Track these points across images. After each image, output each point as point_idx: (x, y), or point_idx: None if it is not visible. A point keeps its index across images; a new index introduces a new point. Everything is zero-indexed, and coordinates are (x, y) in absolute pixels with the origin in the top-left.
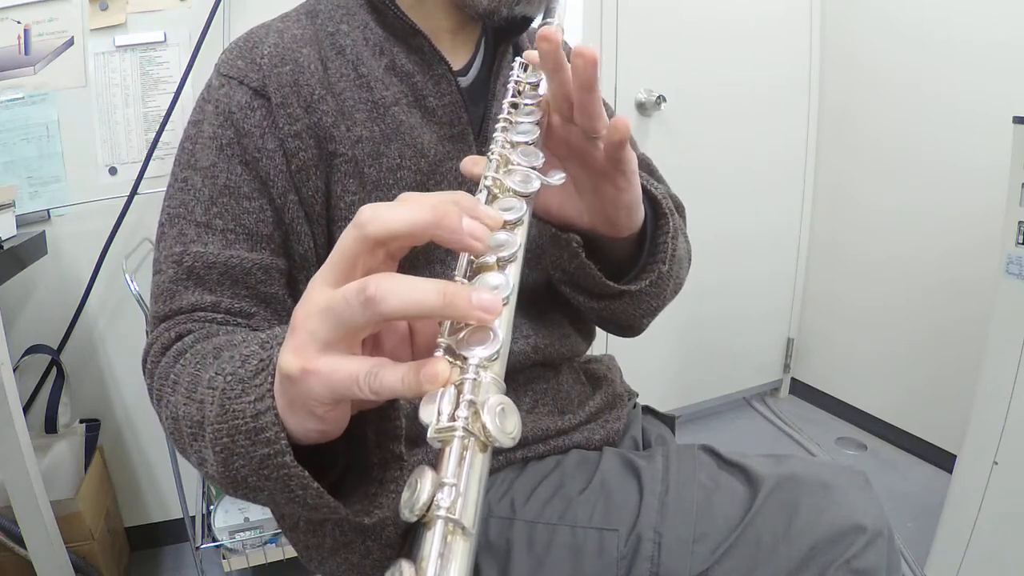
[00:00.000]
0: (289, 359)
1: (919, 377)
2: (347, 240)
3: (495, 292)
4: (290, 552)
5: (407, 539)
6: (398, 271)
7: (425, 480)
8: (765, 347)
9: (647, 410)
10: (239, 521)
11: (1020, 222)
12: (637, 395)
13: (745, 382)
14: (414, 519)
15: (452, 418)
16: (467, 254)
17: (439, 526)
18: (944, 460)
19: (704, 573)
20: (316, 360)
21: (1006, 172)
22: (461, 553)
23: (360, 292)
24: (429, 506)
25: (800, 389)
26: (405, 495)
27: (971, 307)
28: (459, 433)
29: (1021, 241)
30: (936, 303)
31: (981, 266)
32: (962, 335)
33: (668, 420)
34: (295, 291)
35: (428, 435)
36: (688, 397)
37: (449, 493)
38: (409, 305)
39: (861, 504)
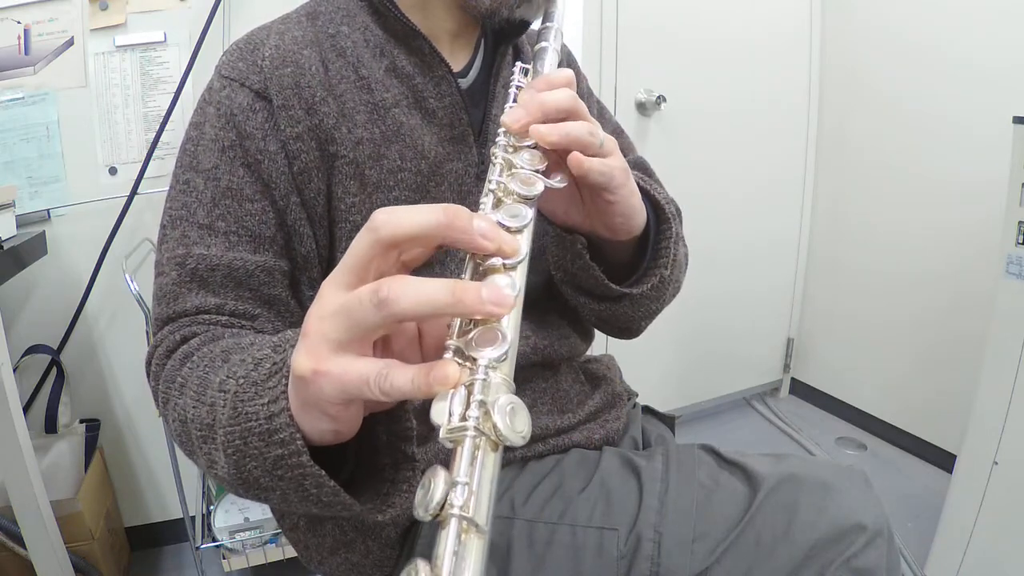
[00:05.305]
0: (302, 360)
1: (919, 377)
2: (360, 243)
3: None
4: (290, 552)
5: (407, 538)
6: None
7: (438, 480)
8: (765, 347)
9: (647, 410)
10: (239, 521)
11: (1020, 222)
12: (637, 395)
13: (745, 382)
14: (428, 518)
15: (463, 418)
16: (473, 259)
17: (453, 525)
18: (944, 460)
19: (704, 572)
20: (328, 362)
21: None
22: (475, 551)
23: (374, 294)
24: (443, 505)
25: (800, 389)
26: (419, 495)
27: (971, 307)
28: (470, 433)
29: (1021, 241)
30: (936, 303)
31: (981, 268)
32: (962, 335)
33: (668, 420)
34: (297, 292)
35: (440, 435)
36: (688, 397)
37: (462, 492)
38: (422, 305)
39: (861, 503)
